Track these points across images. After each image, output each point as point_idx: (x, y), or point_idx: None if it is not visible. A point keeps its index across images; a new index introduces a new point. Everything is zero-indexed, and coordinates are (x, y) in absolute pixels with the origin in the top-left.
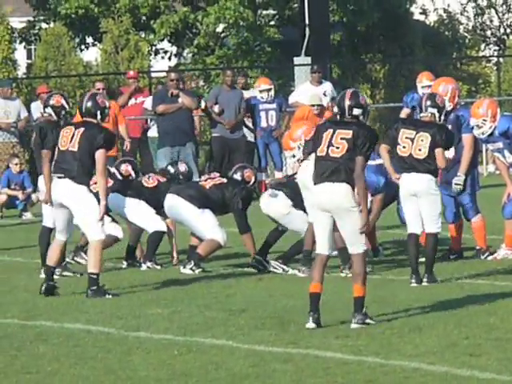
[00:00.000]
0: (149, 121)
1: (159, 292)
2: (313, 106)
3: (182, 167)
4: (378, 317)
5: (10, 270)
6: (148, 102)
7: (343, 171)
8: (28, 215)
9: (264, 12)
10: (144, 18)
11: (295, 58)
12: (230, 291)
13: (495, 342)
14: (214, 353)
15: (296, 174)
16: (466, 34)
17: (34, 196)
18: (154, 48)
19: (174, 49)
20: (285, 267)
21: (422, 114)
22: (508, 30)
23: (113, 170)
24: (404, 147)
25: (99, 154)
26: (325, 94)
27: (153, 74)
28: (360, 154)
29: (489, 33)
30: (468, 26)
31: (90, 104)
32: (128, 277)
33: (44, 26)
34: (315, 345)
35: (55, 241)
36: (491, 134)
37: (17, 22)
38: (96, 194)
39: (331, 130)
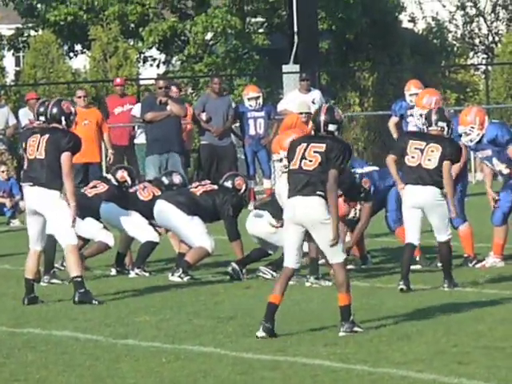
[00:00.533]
0: (136, 127)
1: (147, 299)
2: (301, 113)
3: (177, 178)
4: (366, 324)
5: None
6: (136, 109)
7: (316, 184)
8: (16, 222)
9: (252, 20)
10: (132, 25)
11: (284, 66)
12: (218, 299)
13: (483, 350)
14: (202, 360)
15: None
16: (454, 42)
17: (21, 203)
18: (142, 55)
19: (163, 56)
20: (274, 273)
21: (430, 128)
22: (496, 39)
23: (109, 176)
24: (413, 157)
25: (64, 157)
26: (313, 102)
27: (141, 82)
28: (333, 167)
29: (477, 41)
30: (456, 34)
31: (55, 110)
32: (116, 284)
33: (32, 33)
34: (303, 352)
35: (31, 252)
36: (479, 142)
37: (5, 30)
38: (91, 199)
39: (305, 144)
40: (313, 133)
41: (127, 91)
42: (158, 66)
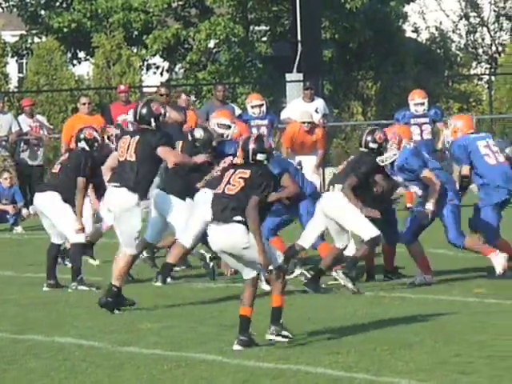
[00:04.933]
0: None
1: (151, 307)
2: (303, 122)
3: (197, 133)
4: (369, 333)
5: (0, 283)
6: (131, 116)
7: (235, 209)
8: (19, 229)
9: (256, 28)
10: (136, 33)
11: (287, 75)
12: (221, 307)
13: (486, 360)
14: (204, 368)
15: None
16: (457, 52)
17: (24, 211)
18: (145, 63)
19: (166, 64)
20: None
21: None
22: (500, 49)
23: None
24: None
25: (161, 151)
26: (317, 111)
27: (144, 89)
28: (255, 194)
29: (481, 51)
30: (460, 43)
31: (144, 111)
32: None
33: (36, 40)
34: (305, 361)
35: (120, 255)
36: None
37: (9, 36)
38: None
39: (232, 170)
40: (242, 161)
41: (130, 99)
42: (161, 73)
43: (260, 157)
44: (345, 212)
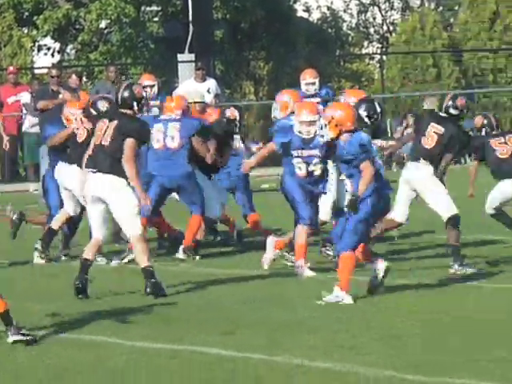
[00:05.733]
0: (23, 116)
1: (43, 287)
2: (195, 103)
3: (101, 105)
4: (266, 314)
5: None
6: (26, 97)
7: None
8: None
9: (147, 8)
10: (27, 13)
11: (179, 55)
12: (115, 287)
13: (381, 341)
14: (97, 349)
15: None
16: (349, 32)
17: None
18: (37, 44)
19: (58, 45)
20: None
21: None
22: (391, 28)
23: None
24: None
25: (128, 142)
26: (208, 91)
27: (35, 71)
28: None
29: (372, 30)
30: (351, 23)
31: (126, 94)
32: (12, 272)
33: None
34: (200, 341)
35: (93, 239)
36: None
37: None
38: None
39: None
40: None
41: (21, 80)
42: (52, 54)
43: None
44: (428, 186)
